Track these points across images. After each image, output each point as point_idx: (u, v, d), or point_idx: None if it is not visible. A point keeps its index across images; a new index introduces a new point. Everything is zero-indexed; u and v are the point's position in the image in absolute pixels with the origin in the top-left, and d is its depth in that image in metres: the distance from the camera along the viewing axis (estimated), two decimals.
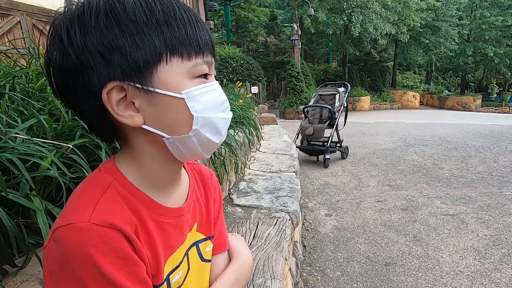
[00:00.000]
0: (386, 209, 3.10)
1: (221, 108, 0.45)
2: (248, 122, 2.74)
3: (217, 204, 0.62)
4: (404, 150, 5.58)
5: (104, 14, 0.38)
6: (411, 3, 13.78)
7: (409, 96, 17.04)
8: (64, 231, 0.37)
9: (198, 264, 0.56)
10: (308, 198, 3.50)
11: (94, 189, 0.42)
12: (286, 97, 12.20)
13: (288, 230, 1.53)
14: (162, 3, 0.41)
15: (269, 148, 3.39)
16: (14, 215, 0.81)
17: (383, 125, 9.08)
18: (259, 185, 2.16)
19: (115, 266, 0.37)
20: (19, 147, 0.79)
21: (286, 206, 1.81)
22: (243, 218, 1.67)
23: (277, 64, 16.46)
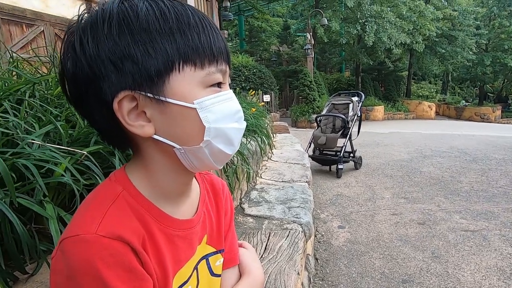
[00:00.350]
0: (402, 223, 2.99)
1: (235, 118, 0.44)
2: (260, 130, 2.73)
3: (228, 216, 0.60)
4: (420, 162, 5.42)
5: (116, 22, 0.38)
6: (426, 12, 13.64)
7: (424, 106, 16.69)
8: (71, 243, 0.37)
9: (207, 279, 0.54)
10: (320, 209, 3.42)
11: (103, 199, 0.41)
12: (298, 105, 12.18)
13: (300, 242, 1.49)
14: (176, 10, 0.40)
15: (281, 157, 3.36)
16: (27, 221, 0.80)
17: (397, 136, 8.88)
18: (271, 195, 2.13)
19: (121, 280, 0.36)
20: (35, 153, 0.80)
21: (298, 218, 1.76)
22: (254, 229, 1.64)
23: (289, 73, 16.53)
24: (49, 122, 0.99)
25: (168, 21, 0.39)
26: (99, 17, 0.38)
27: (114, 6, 0.39)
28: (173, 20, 0.39)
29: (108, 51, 0.37)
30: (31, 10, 4.33)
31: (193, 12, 0.42)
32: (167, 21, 0.39)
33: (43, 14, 4.47)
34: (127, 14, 0.38)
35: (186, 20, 0.40)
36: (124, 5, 0.39)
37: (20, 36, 4.29)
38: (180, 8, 0.41)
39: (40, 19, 4.44)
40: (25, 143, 0.84)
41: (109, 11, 0.38)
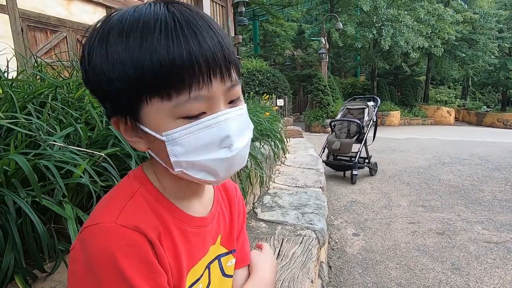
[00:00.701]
0: (420, 232, 2.89)
1: (221, 146, 0.39)
2: (274, 135, 2.71)
3: (240, 218, 0.61)
4: (438, 169, 5.24)
5: (97, 47, 0.39)
6: (445, 16, 13.30)
7: (443, 111, 16.20)
8: (91, 231, 0.38)
9: (219, 280, 0.54)
10: (334, 215, 3.36)
11: (122, 194, 0.42)
12: (312, 110, 12.09)
13: (314, 250, 1.46)
14: (134, 14, 0.38)
15: (294, 161, 3.33)
16: (47, 221, 0.82)
17: (414, 141, 8.65)
18: (284, 200, 2.10)
19: (138, 270, 0.37)
20: (56, 154, 0.82)
21: (312, 224, 1.73)
22: (267, 234, 1.62)
23: (303, 77, 16.47)
24: (69, 124, 1.01)
25: (129, 33, 0.36)
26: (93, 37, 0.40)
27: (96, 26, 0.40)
28: (133, 29, 0.36)
29: (101, 77, 0.38)
30: (56, 17, 4.52)
31: (162, 15, 0.37)
32: (128, 34, 0.36)
33: (66, 20, 4.66)
34: (105, 35, 0.38)
35: (146, 29, 0.36)
36: (102, 26, 0.39)
37: (45, 41, 4.49)
38: (146, 11, 0.38)
39: (63, 26, 4.63)
40: (46, 145, 0.86)
41: (98, 32, 0.40)
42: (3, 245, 0.69)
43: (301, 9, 18.44)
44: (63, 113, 1.09)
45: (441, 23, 13.48)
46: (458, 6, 15.21)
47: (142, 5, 0.39)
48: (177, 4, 0.39)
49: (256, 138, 2.32)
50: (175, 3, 0.39)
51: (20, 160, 0.65)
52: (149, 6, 0.38)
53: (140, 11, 0.38)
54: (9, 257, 0.68)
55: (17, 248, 0.71)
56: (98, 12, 5.10)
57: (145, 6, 0.39)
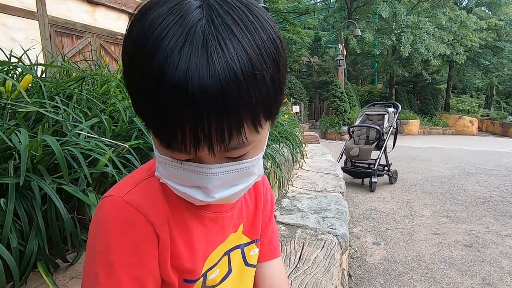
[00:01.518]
0: (446, 244, 2.73)
1: (198, 188, 0.36)
2: (293, 138, 2.67)
3: (268, 207, 0.59)
4: (463, 179, 5.00)
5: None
6: (468, 22, 12.93)
7: (465, 121, 15.60)
8: (103, 200, 0.40)
9: (241, 268, 0.52)
10: (353, 223, 3.24)
11: (140, 174, 0.43)
12: (328, 117, 11.95)
13: (337, 255, 1.39)
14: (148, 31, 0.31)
15: (312, 166, 3.26)
16: (70, 210, 0.82)
17: (435, 151, 8.34)
18: (303, 204, 2.04)
19: (122, 250, 0.37)
20: (81, 142, 0.81)
21: (334, 229, 1.66)
22: (287, 237, 1.56)
23: (319, 84, 16.38)
24: (94, 115, 1.01)
25: (139, 52, 0.30)
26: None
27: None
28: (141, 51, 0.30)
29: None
30: (81, 23, 4.71)
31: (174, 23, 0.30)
32: (139, 53, 0.30)
33: (91, 27, 4.84)
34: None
35: (150, 52, 0.29)
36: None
37: (70, 46, 4.67)
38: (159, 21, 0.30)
39: (88, 31, 4.82)
40: (72, 134, 0.86)
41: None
42: (28, 231, 0.68)
43: (318, 17, 18.46)
44: (89, 104, 1.09)
45: (463, 30, 13.10)
46: (481, 13, 14.76)
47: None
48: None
49: (274, 140, 2.29)
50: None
51: (51, 140, 0.64)
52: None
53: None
54: (33, 243, 0.67)
55: (41, 235, 0.70)
56: (121, 19, 5.28)
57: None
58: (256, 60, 0.30)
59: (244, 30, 0.30)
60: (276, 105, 0.35)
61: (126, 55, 0.32)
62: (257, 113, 0.32)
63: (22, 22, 3.97)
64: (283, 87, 0.35)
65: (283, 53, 0.34)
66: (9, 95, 0.77)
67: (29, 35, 3.98)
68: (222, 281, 0.49)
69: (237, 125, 0.31)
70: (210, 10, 0.30)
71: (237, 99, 0.29)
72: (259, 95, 0.31)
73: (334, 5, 16.48)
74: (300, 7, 15.80)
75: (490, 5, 15.82)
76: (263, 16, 0.33)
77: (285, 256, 1.34)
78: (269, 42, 0.32)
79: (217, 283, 0.48)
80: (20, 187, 0.69)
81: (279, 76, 0.33)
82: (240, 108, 0.30)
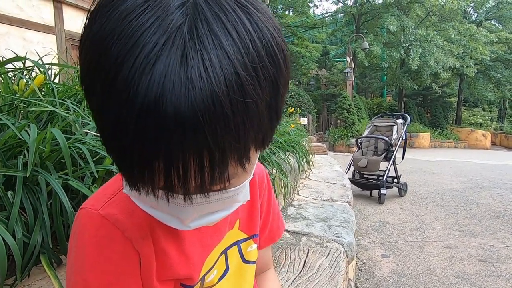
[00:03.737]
0: (458, 258, 2.63)
1: (172, 216, 0.33)
2: (299, 147, 2.67)
3: (265, 199, 0.56)
4: (476, 193, 4.86)
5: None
6: (478, 35, 12.87)
7: (477, 134, 15.26)
8: (79, 213, 0.38)
9: (238, 265, 0.50)
10: (361, 235, 3.17)
11: (120, 182, 0.38)
12: (336, 129, 11.90)
13: (342, 263, 1.36)
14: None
15: (319, 176, 3.23)
16: (76, 206, 0.83)
17: (447, 164, 8.15)
18: (309, 212, 2.02)
19: (97, 269, 0.35)
20: (89, 140, 0.84)
21: (339, 237, 1.63)
22: (292, 244, 1.54)
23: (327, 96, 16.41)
24: None
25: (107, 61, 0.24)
26: None
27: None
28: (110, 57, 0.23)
29: None
30: None
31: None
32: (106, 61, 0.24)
33: None
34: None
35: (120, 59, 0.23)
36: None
37: None
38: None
39: None
40: (80, 132, 0.89)
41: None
42: (33, 224, 0.70)
43: (326, 31, 18.71)
44: None
45: (473, 43, 13.02)
46: (491, 27, 14.70)
47: None
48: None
49: (280, 148, 2.29)
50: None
51: (57, 133, 0.67)
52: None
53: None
54: (37, 235, 0.68)
55: (45, 229, 0.71)
56: None
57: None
58: (249, 84, 0.23)
59: (237, 43, 0.23)
60: (271, 133, 0.29)
61: (83, 59, 0.25)
62: (246, 148, 0.26)
63: (40, 36, 4.17)
64: (281, 111, 0.29)
65: (286, 70, 0.28)
66: (22, 93, 0.81)
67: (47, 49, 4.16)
68: (219, 280, 0.47)
69: (220, 166, 0.25)
70: (195, 12, 0.23)
71: (222, 133, 0.23)
72: (250, 128, 0.25)
73: (342, 19, 16.71)
74: (308, 22, 16.08)
75: (500, 19, 15.76)
76: (264, 23, 0.26)
77: (289, 263, 1.32)
78: (269, 59, 0.25)
79: (215, 283, 0.47)
80: (28, 180, 0.71)
81: (277, 101, 0.27)
82: (224, 145, 0.24)
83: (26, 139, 0.70)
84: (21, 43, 3.94)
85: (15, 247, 0.57)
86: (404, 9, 13.39)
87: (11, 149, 0.81)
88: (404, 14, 13.02)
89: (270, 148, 1.98)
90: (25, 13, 3.95)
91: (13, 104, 0.86)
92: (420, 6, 12.86)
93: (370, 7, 13.63)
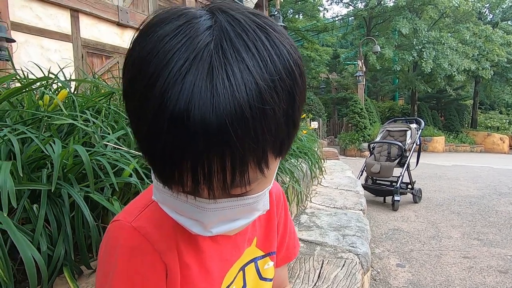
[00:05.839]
0: (477, 269, 2.54)
1: (195, 221, 0.34)
2: (311, 153, 2.65)
3: (282, 219, 0.57)
4: (495, 200, 4.70)
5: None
6: (494, 37, 12.55)
7: (494, 138, 14.81)
8: (112, 225, 0.40)
9: (255, 283, 0.51)
10: (375, 243, 3.10)
11: (149, 196, 0.41)
12: (348, 133, 11.77)
13: (358, 275, 1.33)
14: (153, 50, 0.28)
15: (331, 182, 3.19)
16: (96, 218, 0.85)
17: (463, 169, 7.93)
18: (322, 220, 1.99)
19: (126, 280, 0.37)
20: (108, 153, 0.85)
21: (354, 247, 1.60)
22: (306, 254, 1.52)
23: (338, 100, 16.29)
24: (121, 128, 1.07)
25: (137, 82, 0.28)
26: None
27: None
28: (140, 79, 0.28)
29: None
30: (111, 44, 5.02)
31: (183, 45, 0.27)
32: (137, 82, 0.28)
33: (119, 47, 5.15)
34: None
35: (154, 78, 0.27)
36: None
37: (100, 66, 4.98)
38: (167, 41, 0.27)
39: (116, 52, 5.12)
40: (100, 145, 0.90)
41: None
42: (57, 236, 0.71)
43: (337, 34, 18.62)
44: (116, 118, 1.15)
45: (489, 45, 12.70)
46: (508, 27, 14.31)
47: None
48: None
49: (293, 154, 2.28)
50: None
51: (80, 149, 0.68)
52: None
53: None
54: (61, 248, 0.70)
55: (68, 241, 0.72)
56: None
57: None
58: (267, 93, 0.26)
59: (257, 58, 0.27)
60: (289, 141, 0.32)
61: (126, 75, 0.30)
62: (264, 152, 0.28)
63: (57, 44, 4.30)
64: (298, 120, 0.32)
65: (302, 83, 0.31)
66: (46, 108, 0.83)
67: (63, 56, 4.29)
68: None
69: (240, 166, 0.27)
70: (221, 33, 0.27)
71: (242, 136, 0.26)
72: (268, 133, 0.27)
73: (352, 22, 16.61)
74: (318, 26, 16.05)
75: None
76: (281, 41, 0.29)
77: (303, 274, 1.30)
78: (286, 72, 0.28)
79: None
80: (52, 194, 0.73)
81: (294, 110, 0.30)
82: (244, 147, 0.26)
83: (51, 153, 0.72)
84: (39, 51, 4.08)
85: (41, 261, 0.59)
86: (417, 11, 13.20)
87: (35, 161, 0.83)
88: (416, 16, 12.84)
89: None
90: (43, 22, 4.09)
91: (37, 117, 0.89)
92: (433, 8, 12.65)
93: (381, 10, 13.51)
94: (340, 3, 17.41)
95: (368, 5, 13.71)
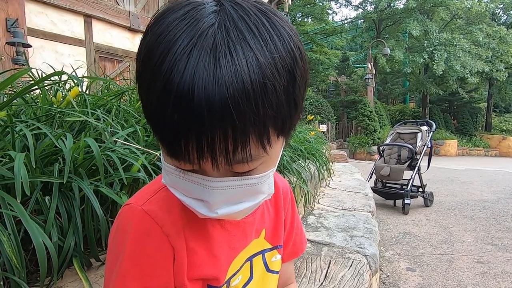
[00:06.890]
0: (491, 274, 2.47)
1: (201, 201, 0.35)
2: (319, 155, 2.63)
3: (289, 214, 0.58)
4: (510, 204, 4.56)
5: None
6: (509, 38, 12.24)
7: (510, 142, 14.38)
8: (124, 208, 0.41)
9: (262, 274, 0.52)
10: (384, 246, 3.05)
11: (160, 182, 0.42)
12: (357, 136, 11.64)
13: (366, 275, 1.31)
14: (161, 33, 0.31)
15: (340, 185, 3.17)
16: (105, 212, 0.87)
17: (476, 173, 7.73)
18: (330, 221, 1.98)
19: (136, 261, 0.38)
20: (118, 148, 0.88)
21: (362, 248, 1.58)
22: (313, 254, 1.51)
23: (347, 103, 16.16)
24: (130, 126, 1.09)
25: (151, 61, 0.30)
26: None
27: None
28: (154, 59, 0.30)
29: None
30: (122, 49, 5.14)
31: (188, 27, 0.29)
32: (150, 60, 0.30)
33: (130, 52, 5.26)
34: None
35: (160, 59, 0.29)
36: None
37: (111, 70, 5.09)
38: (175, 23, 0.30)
39: (128, 56, 5.23)
40: (110, 141, 0.93)
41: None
42: (67, 228, 0.73)
43: (346, 37, 18.52)
44: (126, 116, 1.18)
45: (503, 46, 12.40)
46: None
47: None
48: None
49: (301, 155, 2.27)
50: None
51: (92, 142, 0.70)
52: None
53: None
54: (71, 239, 0.72)
55: (78, 233, 0.75)
56: None
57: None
58: (267, 69, 0.28)
59: (258, 37, 0.29)
60: (290, 121, 0.33)
61: (139, 57, 0.32)
62: (266, 127, 0.30)
63: (71, 49, 4.43)
64: (299, 101, 0.33)
65: (303, 65, 0.32)
66: (59, 105, 0.86)
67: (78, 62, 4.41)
68: (243, 287, 0.48)
69: (241, 137, 0.29)
70: (225, 15, 0.29)
71: (243, 107, 0.27)
72: (269, 107, 0.29)
73: (361, 25, 16.51)
74: (327, 29, 16.02)
75: None
76: (281, 25, 0.31)
77: (310, 274, 1.30)
78: (286, 52, 0.30)
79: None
80: (63, 187, 0.75)
81: (294, 89, 0.31)
82: (245, 118, 0.28)
83: (62, 147, 0.75)
84: (54, 56, 4.20)
85: (52, 248, 0.61)
86: (427, 13, 13.04)
87: (48, 156, 0.86)
88: (427, 18, 12.67)
89: (290, 156, 1.97)
90: (58, 27, 4.22)
91: (50, 114, 0.92)
92: (445, 10, 12.46)
93: (391, 12, 13.39)
94: (349, 6, 17.36)
95: (378, 7, 13.62)
